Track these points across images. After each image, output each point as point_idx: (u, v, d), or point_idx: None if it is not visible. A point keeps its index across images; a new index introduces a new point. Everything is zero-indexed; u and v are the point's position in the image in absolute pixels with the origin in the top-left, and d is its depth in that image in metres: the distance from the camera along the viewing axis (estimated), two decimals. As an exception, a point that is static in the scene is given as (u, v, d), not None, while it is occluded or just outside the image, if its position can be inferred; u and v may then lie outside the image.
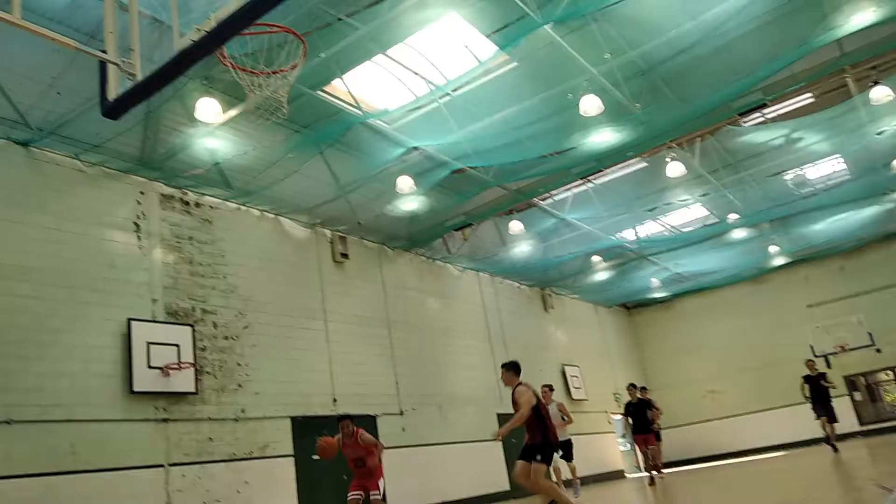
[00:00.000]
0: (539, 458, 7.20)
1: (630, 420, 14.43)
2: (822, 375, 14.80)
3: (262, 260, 12.12)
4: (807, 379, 14.84)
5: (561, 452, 11.40)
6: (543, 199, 15.42)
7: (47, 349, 8.68)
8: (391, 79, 10.39)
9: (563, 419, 11.64)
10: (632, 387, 14.69)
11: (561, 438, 10.82)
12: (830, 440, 14.56)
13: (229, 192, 11.52)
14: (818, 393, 14.59)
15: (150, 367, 9.57)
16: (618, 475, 20.70)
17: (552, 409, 11.06)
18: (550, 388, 12.10)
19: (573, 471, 12.55)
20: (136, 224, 10.30)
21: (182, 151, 10.31)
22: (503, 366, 7.82)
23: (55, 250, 9.17)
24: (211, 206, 11.52)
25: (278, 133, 10.48)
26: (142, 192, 10.53)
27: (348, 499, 7.91)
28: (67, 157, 9.67)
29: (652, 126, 11.65)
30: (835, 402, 14.92)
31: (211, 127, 9.79)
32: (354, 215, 13.42)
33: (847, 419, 21.18)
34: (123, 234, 10.09)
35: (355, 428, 8.07)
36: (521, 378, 7.66)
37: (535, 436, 7.31)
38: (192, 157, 10.49)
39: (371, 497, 7.83)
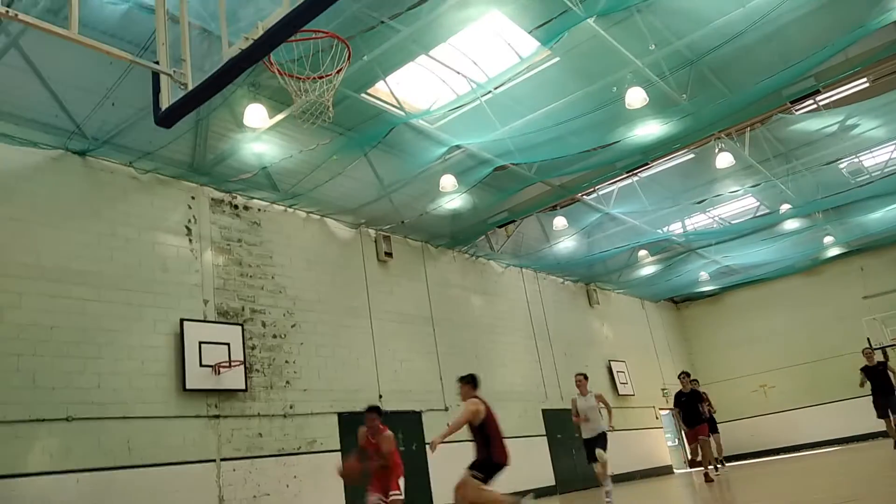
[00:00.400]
0: (477, 472, 6.88)
1: (680, 412, 13.58)
2: (884, 364, 13.25)
3: (309, 260, 12.30)
4: (866, 371, 13.13)
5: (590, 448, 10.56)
6: (588, 194, 15.25)
7: (104, 349, 8.98)
8: (433, 79, 10.40)
9: (599, 412, 10.72)
10: (684, 375, 13.83)
11: (595, 432, 10.50)
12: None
13: (276, 194, 11.72)
14: (880, 385, 12.96)
15: (201, 365, 9.81)
16: (666, 471, 20.40)
17: (589, 401, 10.59)
18: (585, 377, 10.92)
19: (605, 465, 11.48)
20: (187, 228, 10.57)
21: (231, 157, 10.52)
22: (460, 379, 7.49)
23: (110, 255, 9.46)
24: (259, 209, 11.74)
25: (323, 136, 10.59)
26: (193, 197, 10.79)
27: (368, 502, 7.50)
28: (122, 165, 9.97)
29: (699, 117, 11.40)
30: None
31: (258, 132, 9.96)
32: (398, 215, 13.50)
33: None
34: (176, 238, 10.36)
35: (381, 425, 7.72)
36: (478, 392, 7.37)
37: (480, 451, 7.03)
38: (240, 162, 10.71)
39: (391, 497, 7.50)
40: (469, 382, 7.39)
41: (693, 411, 13.28)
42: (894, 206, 17.36)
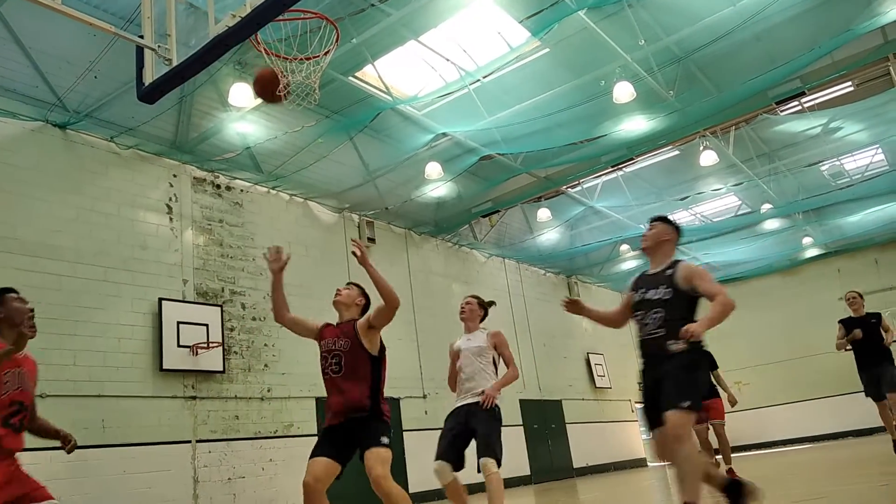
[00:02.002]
0: None
1: None
2: (877, 318, 8.72)
3: (291, 243, 12.22)
4: (848, 325, 8.82)
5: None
6: (572, 187, 15.30)
7: (80, 326, 8.88)
8: (422, 65, 10.34)
9: None
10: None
11: None
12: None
13: (260, 175, 11.61)
14: (871, 347, 8.39)
15: (179, 345, 9.73)
16: (640, 464, 20.65)
17: None
18: None
19: None
20: (168, 206, 10.45)
21: (214, 135, 10.41)
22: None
23: (89, 231, 9.34)
24: (241, 190, 11.63)
25: (309, 118, 10.51)
26: (174, 175, 10.66)
27: None
28: (103, 139, 9.82)
29: (686, 114, 11.46)
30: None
31: (243, 111, 9.87)
32: (382, 201, 13.44)
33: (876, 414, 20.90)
34: (156, 216, 10.24)
35: None
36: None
37: None
38: (223, 142, 10.59)
39: None
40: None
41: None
42: (873, 210, 17.59)
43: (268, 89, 5.12)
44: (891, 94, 12.15)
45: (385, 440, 4.30)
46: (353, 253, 4.38)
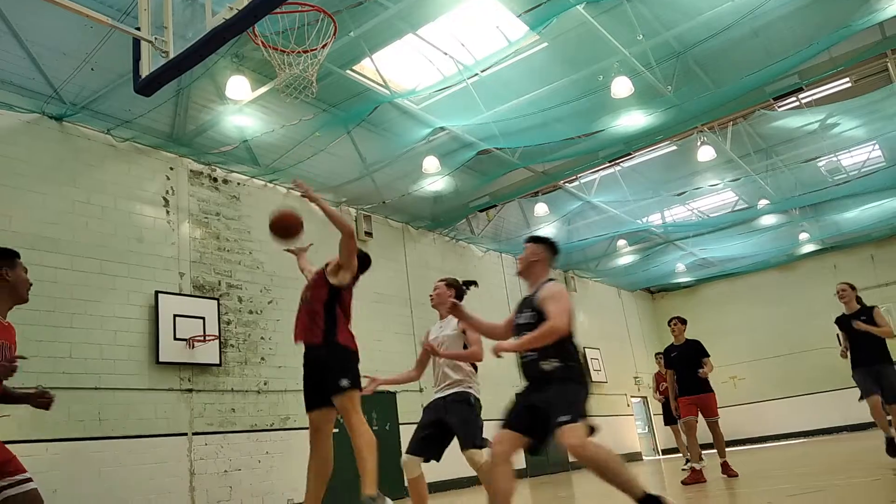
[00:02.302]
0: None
1: (673, 375, 9.36)
2: (868, 311, 8.07)
3: (288, 236, 12.21)
4: (841, 322, 8.47)
5: None
6: (569, 182, 15.29)
7: (76, 318, 8.87)
8: (420, 59, 10.32)
9: None
10: (678, 321, 9.69)
11: None
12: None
13: (257, 169, 11.59)
14: (863, 344, 7.89)
15: (175, 338, 9.73)
16: (636, 457, 20.73)
17: None
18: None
19: None
20: (164, 199, 10.43)
21: (211, 128, 10.38)
22: None
23: (85, 223, 9.32)
24: (238, 183, 11.62)
25: (306, 112, 10.48)
26: (171, 168, 10.64)
27: None
28: (99, 132, 9.79)
29: (683, 109, 11.46)
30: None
31: (240, 104, 9.84)
32: (379, 195, 13.43)
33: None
34: (152, 209, 10.22)
35: None
36: None
37: None
38: (220, 135, 10.57)
39: None
40: None
41: (691, 372, 8.98)
42: (870, 206, 17.63)
43: (289, 230, 5.31)
44: (888, 91, 12.15)
45: (344, 382, 4.70)
46: (295, 188, 4.47)
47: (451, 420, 4.90)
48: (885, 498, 4.30)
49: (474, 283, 5.44)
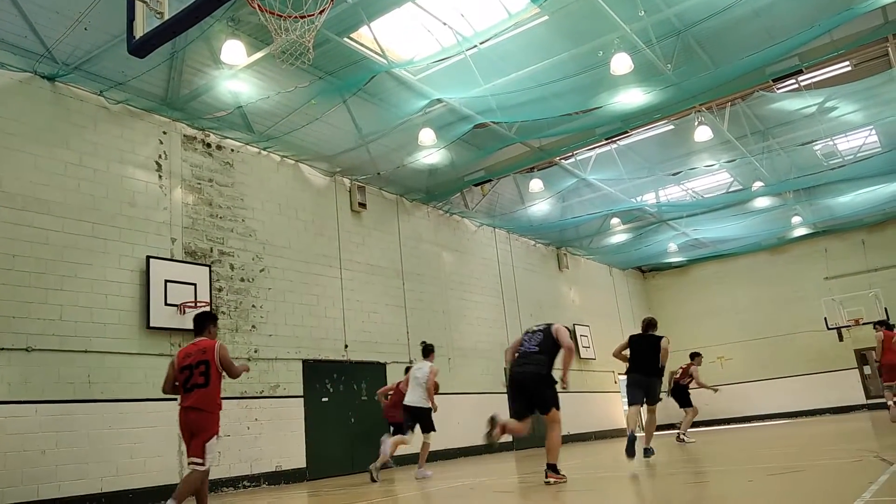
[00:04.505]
0: None
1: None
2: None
3: (281, 205, 12.17)
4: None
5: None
6: (566, 159, 15.25)
7: (67, 281, 8.84)
8: (418, 28, 10.18)
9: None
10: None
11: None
12: None
13: (251, 135, 11.49)
14: None
15: (166, 304, 9.74)
16: (620, 433, 20.98)
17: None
18: None
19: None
20: (157, 163, 10.34)
21: (206, 93, 10.26)
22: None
23: (76, 185, 9.24)
24: (232, 150, 11.52)
25: (302, 79, 10.36)
26: (164, 132, 10.53)
27: None
28: (92, 93, 9.66)
29: (682, 88, 11.40)
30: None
31: (235, 69, 9.72)
32: (374, 165, 13.36)
33: (856, 392, 21.33)
34: (145, 173, 10.14)
35: None
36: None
37: None
38: (215, 100, 10.45)
39: None
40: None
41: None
42: (863, 191, 17.67)
43: None
44: (888, 76, 12.12)
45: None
46: None
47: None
48: (865, 479, 4.37)
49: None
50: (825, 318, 20.83)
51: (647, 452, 8.64)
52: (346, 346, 12.58)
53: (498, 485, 7.17)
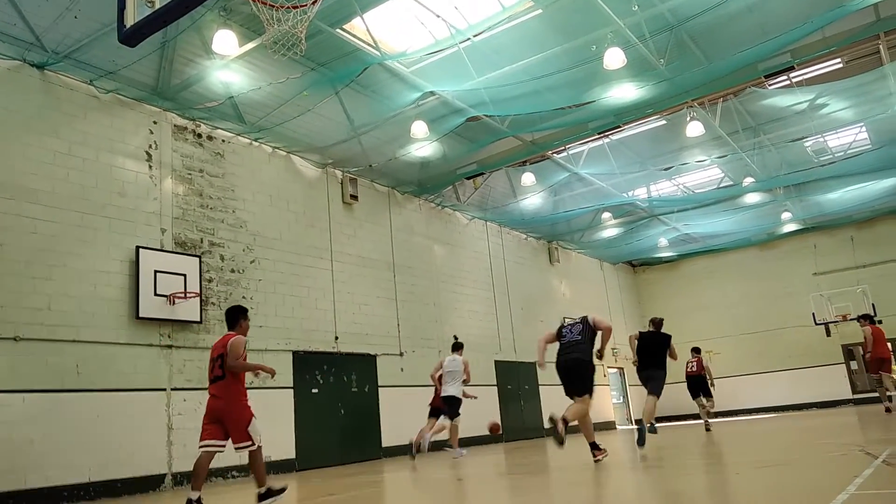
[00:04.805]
0: None
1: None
2: None
3: (272, 196, 12.13)
4: None
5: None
6: (558, 153, 15.25)
7: (55, 270, 8.79)
8: (412, 20, 10.15)
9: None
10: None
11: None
12: None
13: (242, 126, 11.43)
14: None
15: (156, 294, 9.70)
16: (609, 426, 21.14)
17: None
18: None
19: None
20: (147, 153, 10.28)
21: (197, 83, 10.19)
22: None
23: (66, 174, 9.18)
24: (223, 140, 11.46)
25: (294, 70, 10.31)
26: (155, 122, 10.46)
27: None
28: (82, 82, 9.58)
29: (675, 83, 11.42)
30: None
31: (227, 60, 9.65)
32: (366, 158, 13.32)
33: (842, 386, 21.55)
34: (135, 163, 10.07)
35: None
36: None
37: None
38: (206, 90, 10.38)
39: None
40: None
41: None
42: (853, 188, 17.80)
43: None
44: (879, 73, 12.17)
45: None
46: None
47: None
48: (849, 473, 4.42)
49: None
50: (813, 314, 21.01)
51: (652, 428, 9.54)
52: (337, 338, 12.57)
53: (487, 475, 7.21)
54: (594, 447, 7.14)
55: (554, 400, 18.44)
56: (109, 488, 8.70)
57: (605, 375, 21.82)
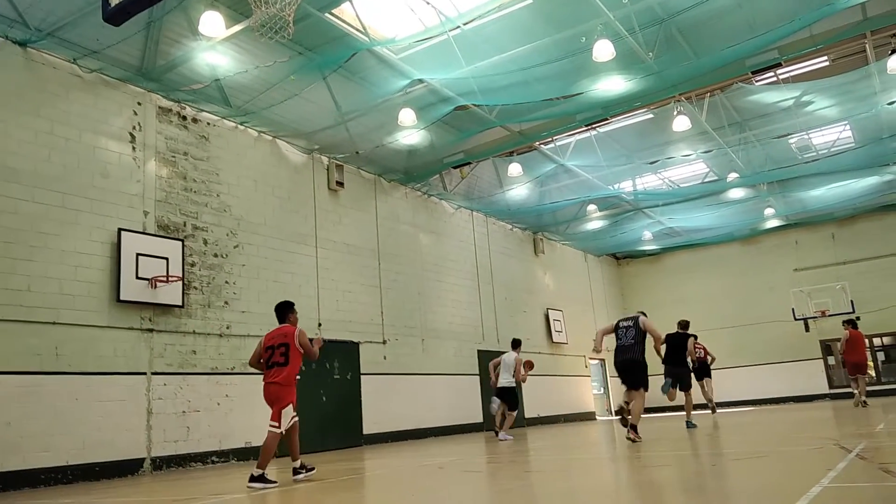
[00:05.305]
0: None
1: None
2: None
3: (257, 181, 12.04)
4: None
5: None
6: (545, 144, 15.27)
7: (36, 252, 8.69)
8: (401, 6, 10.07)
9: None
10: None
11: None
12: None
13: (228, 109, 11.32)
14: None
15: (138, 277, 9.62)
16: (589, 417, 21.33)
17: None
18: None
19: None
20: (131, 135, 10.15)
21: (182, 64, 10.07)
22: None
23: (47, 154, 9.05)
24: (208, 123, 11.35)
25: (282, 53, 10.22)
26: (139, 103, 10.33)
27: None
28: (65, 60, 9.44)
29: (663, 77, 11.45)
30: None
31: (213, 41, 9.54)
32: (353, 144, 13.26)
33: (819, 381, 21.87)
34: (118, 144, 9.95)
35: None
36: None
37: None
38: (192, 72, 10.27)
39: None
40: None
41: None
42: (835, 185, 17.98)
43: None
44: (865, 72, 12.28)
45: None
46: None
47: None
48: (823, 466, 4.49)
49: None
50: (793, 309, 21.27)
51: (689, 425, 11.31)
52: (320, 325, 12.55)
53: (467, 464, 7.24)
54: (633, 429, 8.18)
55: (535, 391, 18.60)
56: (87, 472, 8.66)
57: (586, 367, 21.99)
